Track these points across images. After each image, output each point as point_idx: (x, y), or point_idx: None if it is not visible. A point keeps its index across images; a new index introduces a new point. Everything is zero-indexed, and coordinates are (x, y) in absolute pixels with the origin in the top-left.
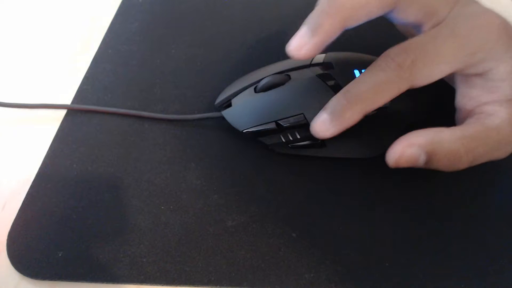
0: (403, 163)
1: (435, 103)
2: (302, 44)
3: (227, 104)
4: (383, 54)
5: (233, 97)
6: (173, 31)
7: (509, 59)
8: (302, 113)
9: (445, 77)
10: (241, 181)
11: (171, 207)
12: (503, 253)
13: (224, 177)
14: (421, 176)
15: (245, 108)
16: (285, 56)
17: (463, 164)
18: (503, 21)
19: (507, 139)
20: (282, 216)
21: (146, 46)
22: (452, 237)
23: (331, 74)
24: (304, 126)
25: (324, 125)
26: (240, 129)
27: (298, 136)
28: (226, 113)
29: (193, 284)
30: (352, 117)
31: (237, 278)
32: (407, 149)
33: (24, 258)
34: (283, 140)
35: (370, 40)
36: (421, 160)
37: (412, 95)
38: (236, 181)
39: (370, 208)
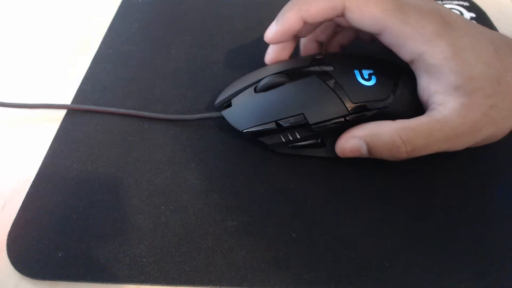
0: (349, 153)
1: None
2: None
3: (227, 104)
4: None
5: (233, 97)
6: (173, 31)
7: (444, 45)
8: (302, 113)
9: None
10: (241, 181)
11: (171, 207)
12: (503, 253)
13: (224, 177)
14: (421, 176)
15: (245, 108)
16: None
17: (403, 153)
18: (444, 11)
19: (457, 130)
20: (282, 216)
21: (146, 46)
22: (452, 237)
23: (331, 74)
24: (304, 126)
25: (270, 28)
26: (240, 129)
27: (298, 136)
28: (226, 113)
29: (193, 284)
30: (291, 17)
31: (237, 278)
32: (349, 140)
33: (24, 258)
34: (283, 140)
35: None
36: (364, 150)
37: (411, 95)
38: (236, 181)
39: (370, 208)
